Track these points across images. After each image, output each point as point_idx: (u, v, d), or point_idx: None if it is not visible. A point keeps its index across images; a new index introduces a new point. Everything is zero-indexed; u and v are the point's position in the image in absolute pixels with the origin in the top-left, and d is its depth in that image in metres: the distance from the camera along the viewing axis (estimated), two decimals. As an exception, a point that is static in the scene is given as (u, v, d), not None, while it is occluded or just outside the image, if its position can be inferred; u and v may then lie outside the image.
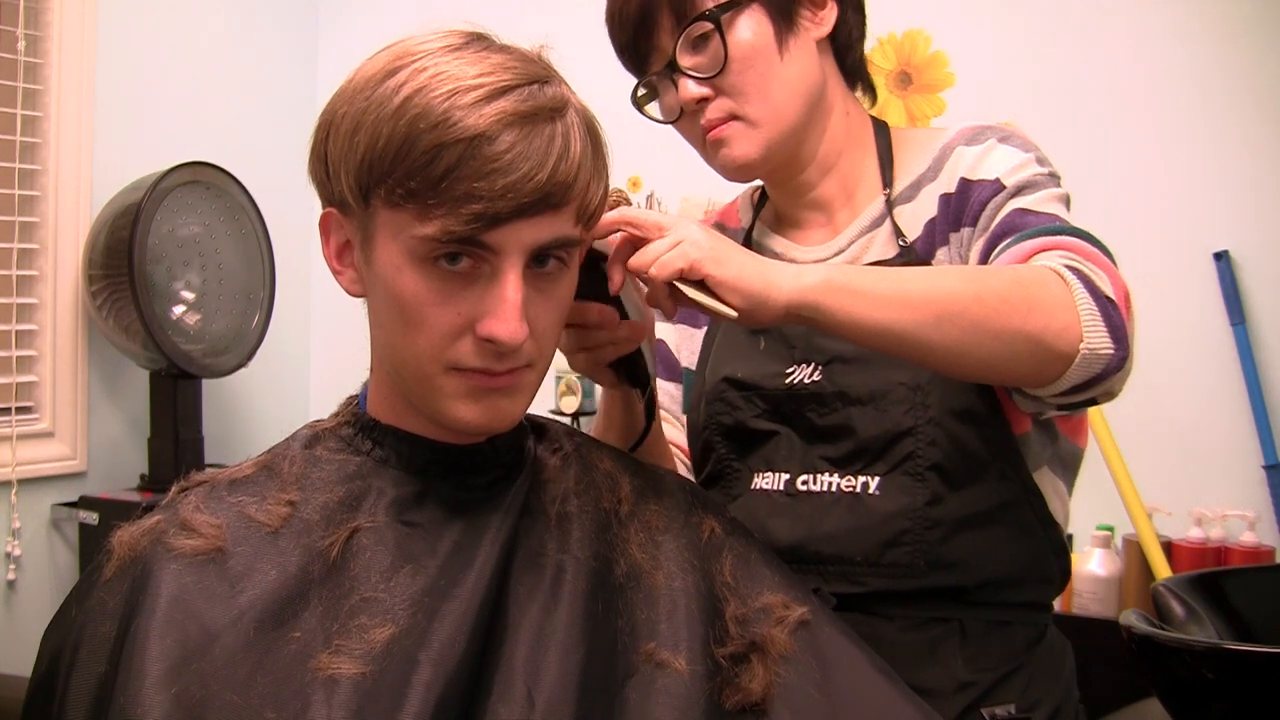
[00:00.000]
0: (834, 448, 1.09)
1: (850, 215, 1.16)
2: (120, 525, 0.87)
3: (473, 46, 0.85)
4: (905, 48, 2.37)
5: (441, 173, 0.79)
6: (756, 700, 0.88)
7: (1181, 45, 2.16)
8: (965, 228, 1.09)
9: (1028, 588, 1.10)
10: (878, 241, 1.13)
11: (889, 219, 1.12)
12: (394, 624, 0.82)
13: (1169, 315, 2.15)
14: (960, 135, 1.13)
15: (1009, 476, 1.07)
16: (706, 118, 1.09)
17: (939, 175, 1.12)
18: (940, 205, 1.11)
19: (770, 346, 1.13)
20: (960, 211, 1.09)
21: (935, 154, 1.13)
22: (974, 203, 1.08)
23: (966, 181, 1.09)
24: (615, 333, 0.98)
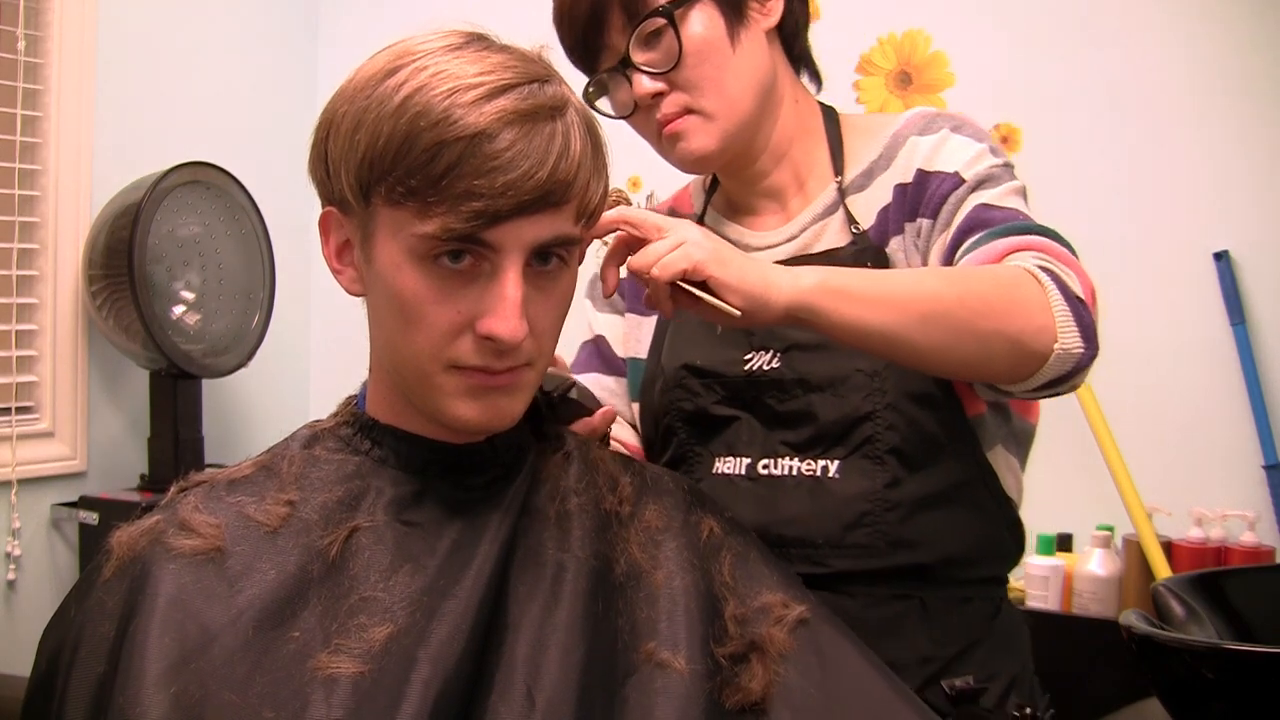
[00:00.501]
0: (794, 433, 1.11)
1: (803, 202, 1.18)
2: (119, 525, 0.87)
3: (473, 46, 0.85)
4: (905, 48, 2.37)
5: (442, 170, 0.79)
6: (756, 700, 0.88)
7: (1181, 45, 2.16)
8: (923, 219, 1.11)
9: (985, 564, 1.14)
10: (830, 229, 1.15)
11: (842, 207, 1.15)
12: (393, 623, 0.82)
13: (1169, 315, 2.16)
14: (911, 124, 1.15)
15: (964, 457, 1.11)
16: (662, 112, 1.11)
17: (892, 164, 1.14)
18: (895, 195, 1.13)
19: (727, 333, 1.14)
20: (917, 202, 1.11)
21: (886, 141, 1.15)
22: (932, 195, 1.10)
23: (924, 173, 1.11)
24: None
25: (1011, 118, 2.28)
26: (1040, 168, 2.25)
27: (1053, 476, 2.22)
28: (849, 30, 2.41)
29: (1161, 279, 2.16)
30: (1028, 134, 2.27)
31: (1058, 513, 2.14)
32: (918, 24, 2.36)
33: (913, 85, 2.36)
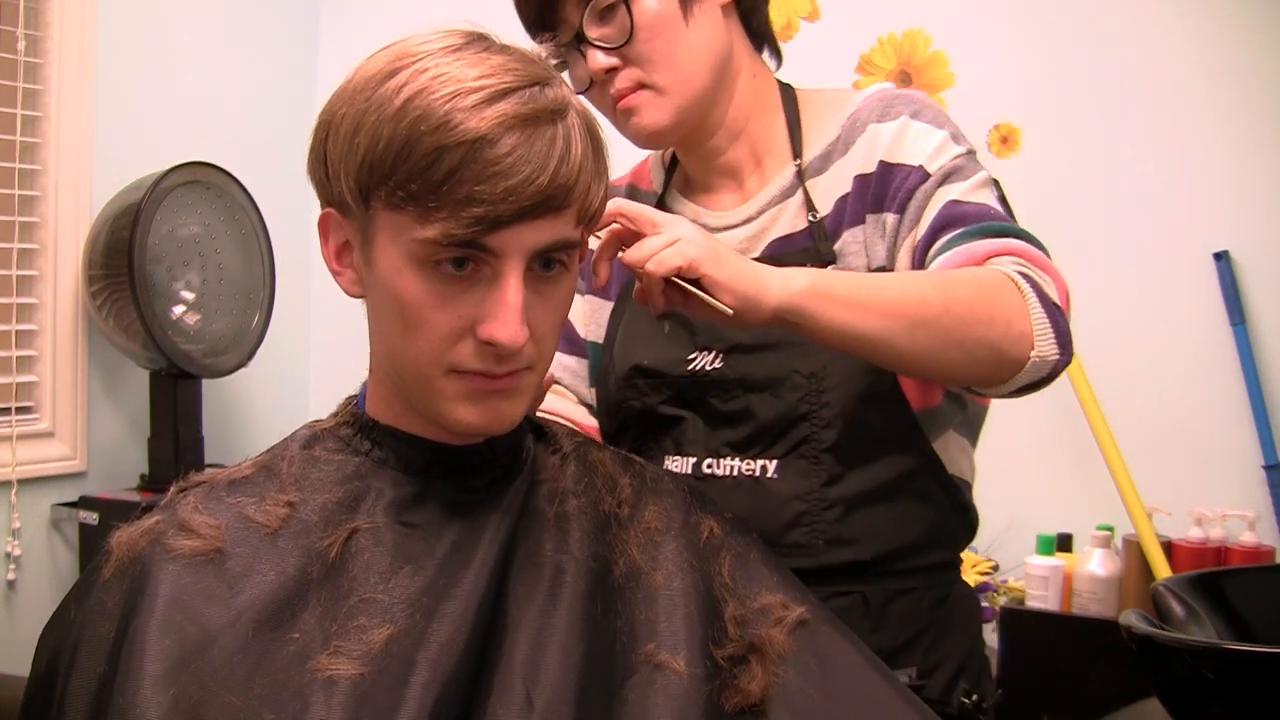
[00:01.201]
0: (735, 432, 1.12)
1: (760, 182, 1.18)
2: (119, 525, 0.87)
3: (473, 47, 0.84)
4: (905, 48, 2.37)
5: (443, 175, 0.79)
6: (755, 701, 0.88)
7: (1182, 45, 2.16)
8: (888, 213, 1.11)
9: (932, 552, 1.15)
10: (788, 212, 1.15)
11: (800, 190, 1.15)
12: (392, 625, 0.82)
13: (1169, 315, 2.16)
14: (869, 107, 1.15)
15: (909, 449, 1.12)
16: (616, 87, 1.11)
17: (850, 149, 1.14)
18: (856, 185, 1.13)
19: (674, 332, 1.16)
20: (881, 195, 1.11)
21: (844, 123, 1.15)
22: (898, 190, 1.10)
23: (887, 165, 1.11)
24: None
25: (1011, 118, 2.28)
26: (1040, 168, 2.25)
27: (1053, 476, 2.23)
28: (849, 30, 2.41)
29: (1161, 279, 2.16)
30: (1028, 134, 2.27)
31: (1058, 513, 2.14)
32: (918, 24, 2.36)
33: (913, 85, 2.36)
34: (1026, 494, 2.23)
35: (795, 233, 1.14)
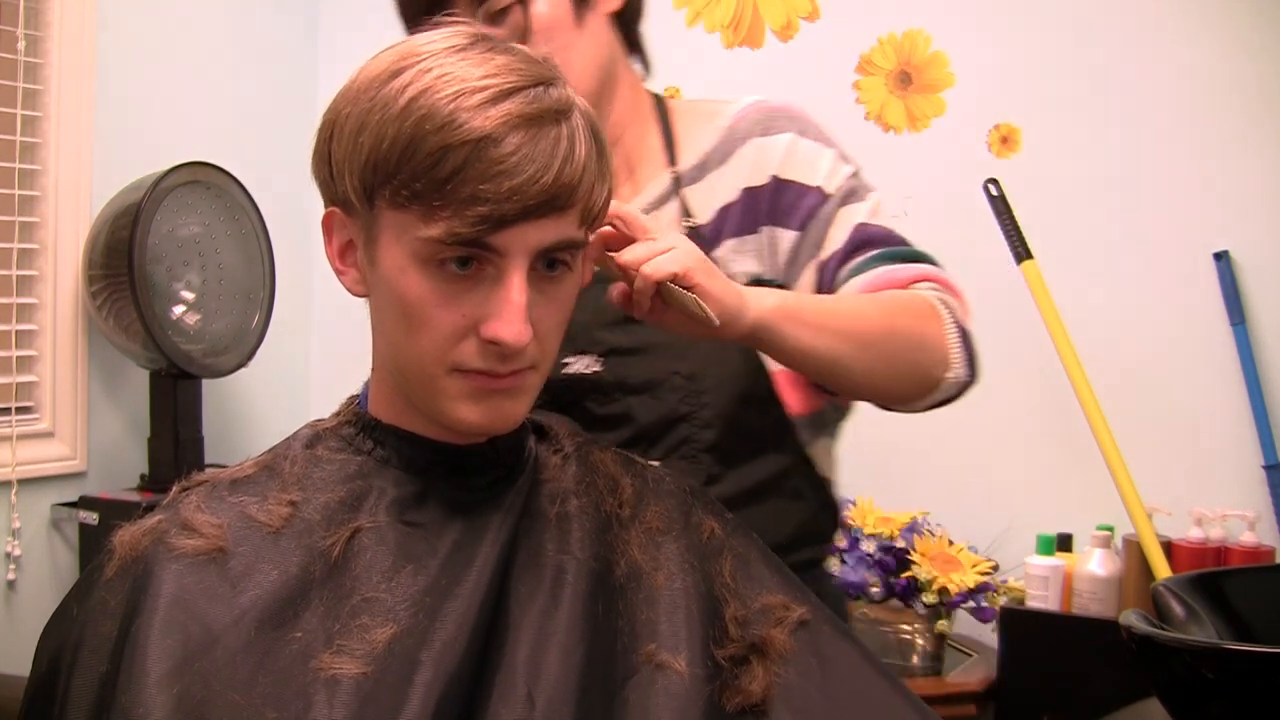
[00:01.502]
0: (614, 435, 1.13)
1: (633, 190, 1.19)
2: (121, 525, 0.87)
3: (478, 47, 0.84)
4: (905, 48, 2.37)
5: (447, 174, 0.79)
6: (756, 701, 0.88)
7: (1182, 45, 2.16)
8: (782, 229, 1.14)
9: (803, 549, 1.17)
10: (663, 219, 1.16)
11: (677, 198, 1.16)
12: (395, 624, 0.82)
13: (1169, 315, 2.16)
14: (747, 119, 1.17)
15: (785, 449, 1.16)
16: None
17: (730, 160, 1.16)
18: (744, 197, 1.15)
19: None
20: (775, 210, 1.15)
21: (720, 133, 1.17)
22: (792, 207, 1.14)
23: (781, 180, 1.14)
24: None
25: (1011, 118, 2.28)
26: (1040, 168, 2.25)
27: (1053, 476, 2.23)
28: (849, 30, 2.41)
29: (1161, 279, 2.16)
30: (1028, 134, 2.27)
31: (1058, 513, 2.14)
32: (918, 24, 2.36)
33: (913, 85, 2.37)
34: (1026, 494, 2.23)
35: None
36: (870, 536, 1.97)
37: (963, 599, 1.91)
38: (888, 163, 2.37)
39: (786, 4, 2.46)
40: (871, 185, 1.18)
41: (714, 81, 2.51)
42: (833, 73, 2.42)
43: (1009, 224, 2.12)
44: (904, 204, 2.29)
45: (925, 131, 2.36)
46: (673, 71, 2.53)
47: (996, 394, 2.27)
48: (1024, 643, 1.89)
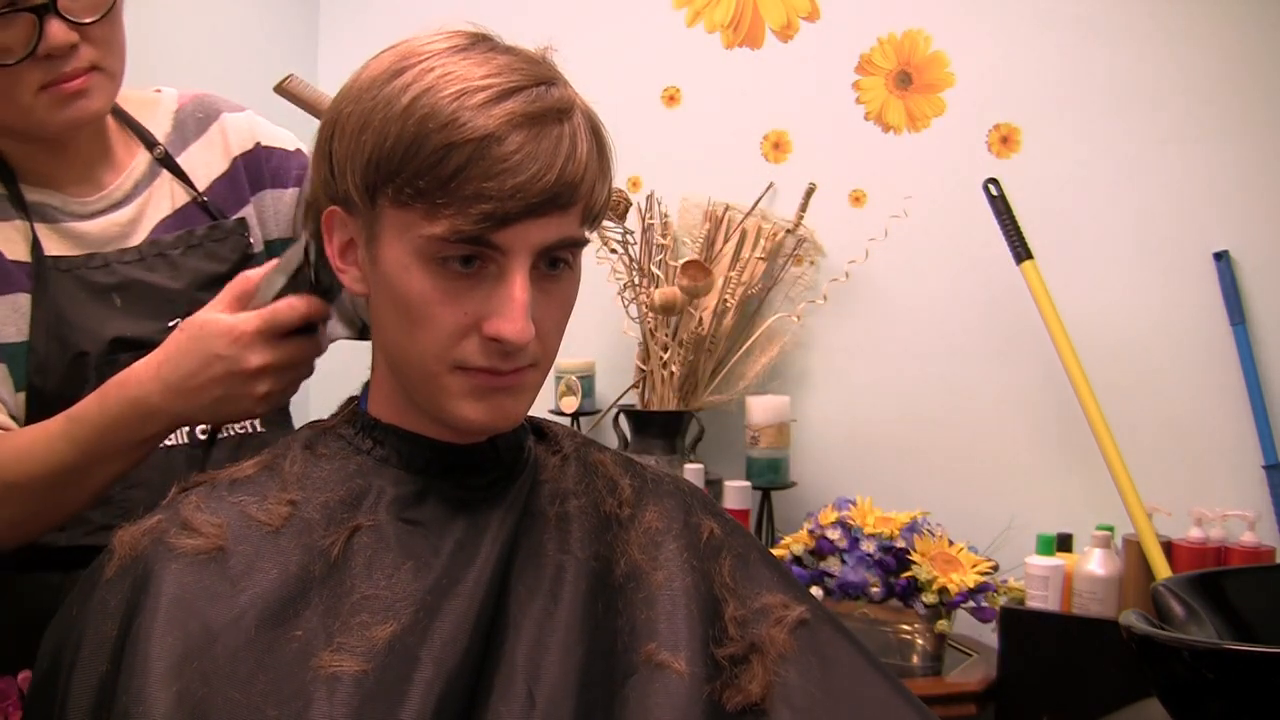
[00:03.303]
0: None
1: (111, 170, 1.21)
2: (121, 525, 0.87)
3: (479, 47, 0.85)
4: (905, 48, 2.37)
5: (450, 172, 0.79)
6: (756, 701, 0.88)
7: (1182, 45, 2.16)
8: (278, 189, 1.27)
9: None
10: (160, 195, 1.22)
11: (165, 172, 1.22)
12: (396, 622, 0.82)
13: (1169, 315, 2.15)
14: (201, 103, 1.30)
15: None
16: (72, 66, 1.07)
17: (206, 134, 1.26)
18: (236, 166, 1.26)
19: (133, 303, 1.18)
20: (267, 174, 1.27)
21: (172, 116, 1.27)
22: (281, 167, 1.28)
23: (266, 147, 1.29)
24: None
25: (1011, 118, 2.28)
26: (1040, 168, 2.25)
27: (1053, 476, 2.23)
28: (849, 30, 2.41)
29: (1161, 279, 2.16)
30: (1028, 134, 2.27)
31: (1058, 513, 2.14)
32: (918, 24, 2.36)
33: (913, 85, 2.37)
34: (1026, 494, 2.23)
35: (182, 209, 1.22)
36: (870, 536, 1.97)
37: (963, 599, 1.91)
38: (888, 163, 2.37)
39: (786, 4, 2.46)
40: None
41: (714, 81, 2.51)
42: (833, 73, 2.42)
43: (1009, 224, 2.12)
44: (904, 204, 2.30)
45: (925, 131, 2.36)
46: (673, 71, 2.55)
47: (997, 394, 2.28)
48: (1024, 643, 1.89)
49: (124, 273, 1.18)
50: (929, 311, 2.33)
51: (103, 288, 1.17)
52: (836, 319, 2.40)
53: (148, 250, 1.20)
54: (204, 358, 0.97)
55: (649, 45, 2.56)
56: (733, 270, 2.36)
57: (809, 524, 2.05)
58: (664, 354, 2.35)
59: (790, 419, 2.32)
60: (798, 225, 2.38)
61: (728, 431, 2.42)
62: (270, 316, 0.98)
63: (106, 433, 1.00)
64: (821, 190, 2.38)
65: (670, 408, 2.34)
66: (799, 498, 2.38)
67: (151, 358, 1.00)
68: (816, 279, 2.41)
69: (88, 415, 1.01)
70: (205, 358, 0.97)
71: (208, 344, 0.97)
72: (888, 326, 2.37)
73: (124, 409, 0.99)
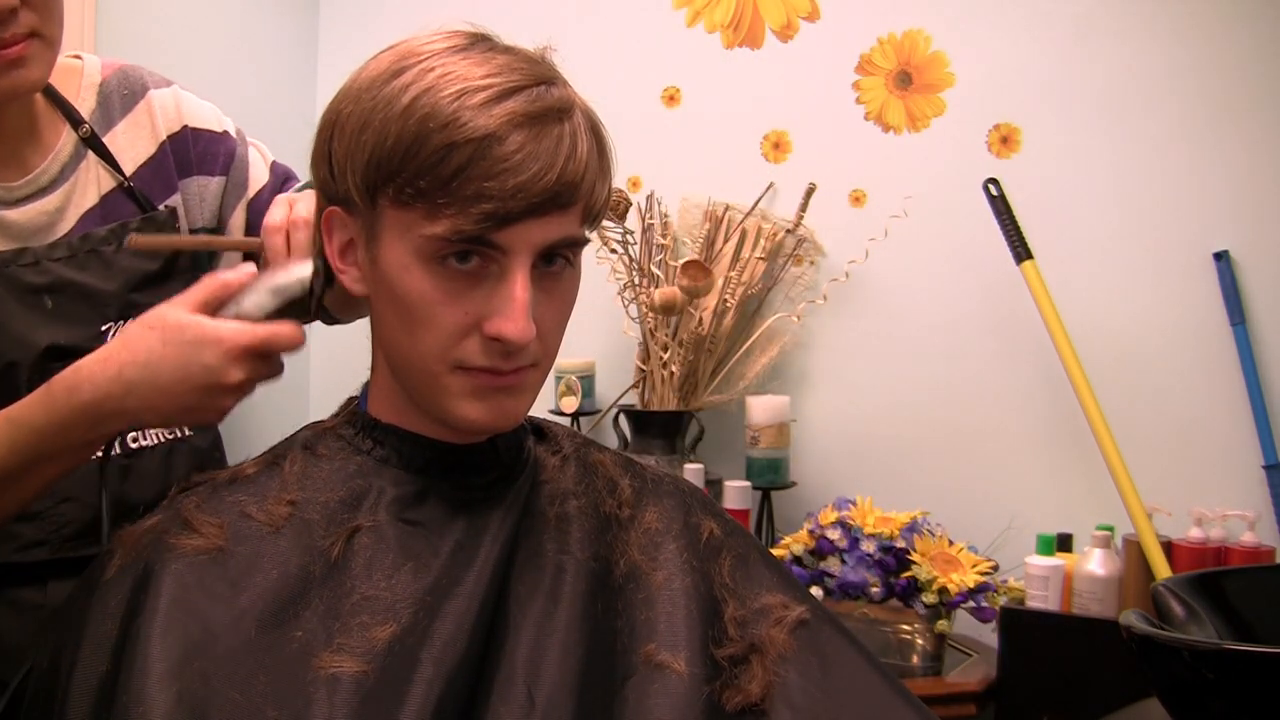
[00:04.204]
0: None
1: (37, 151, 1.15)
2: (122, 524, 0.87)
3: (478, 47, 0.85)
4: (905, 48, 2.37)
5: (451, 172, 0.79)
6: (756, 701, 0.88)
7: (1181, 45, 2.16)
8: (205, 176, 1.22)
9: None
10: (85, 180, 1.16)
11: (90, 155, 1.16)
12: (396, 622, 0.82)
13: (1169, 315, 2.15)
14: (126, 77, 1.20)
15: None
16: (11, 32, 1.01)
17: (132, 113, 1.19)
18: (164, 149, 1.19)
19: (64, 308, 1.13)
20: (191, 159, 1.22)
21: (96, 90, 1.19)
22: (213, 154, 1.22)
23: (193, 129, 1.22)
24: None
25: (1011, 118, 2.28)
26: (1040, 167, 2.25)
27: (1053, 476, 2.23)
28: (849, 30, 2.41)
29: (1161, 279, 2.16)
30: (1028, 134, 2.27)
31: (1058, 513, 2.14)
32: (918, 24, 2.36)
33: (913, 85, 2.36)
34: (1026, 494, 2.23)
35: (109, 196, 1.16)
36: (870, 536, 1.97)
37: (963, 599, 1.91)
38: (888, 163, 2.37)
39: (786, 4, 2.46)
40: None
41: (714, 81, 2.51)
42: (833, 73, 2.42)
43: (1009, 224, 2.12)
44: (904, 204, 2.30)
45: (925, 131, 2.36)
46: (673, 71, 2.55)
47: (997, 394, 2.28)
48: (1024, 643, 1.89)
49: (56, 272, 1.12)
50: (929, 311, 2.33)
51: (33, 288, 1.11)
52: (836, 319, 2.39)
53: (79, 246, 1.14)
54: (185, 366, 0.91)
55: (649, 45, 2.56)
56: (733, 270, 2.36)
57: (809, 524, 2.05)
58: (664, 354, 2.35)
59: (790, 419, 2.32)
60: (798, 225, 2.38)
61: (728, 431, 2.42)
62: (269, 339, 0.94)
63: (52, 437, 0.94)
64: (821, 190, 2.38)
65: (670, 408, 2.34)
66: (799, 498, 2.37)
67: (107, 359, 0.93)
68: (816, 279, 2.41)
69: (30, 419, 0.94)
70: (187, 366, 0.91)
71: (193, 352, 0.91)
72: (888, 326, 2.37)
73: (75, 414, 0.93)
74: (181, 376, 0.91)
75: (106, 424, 0.95)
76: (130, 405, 0.92)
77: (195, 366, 0.91)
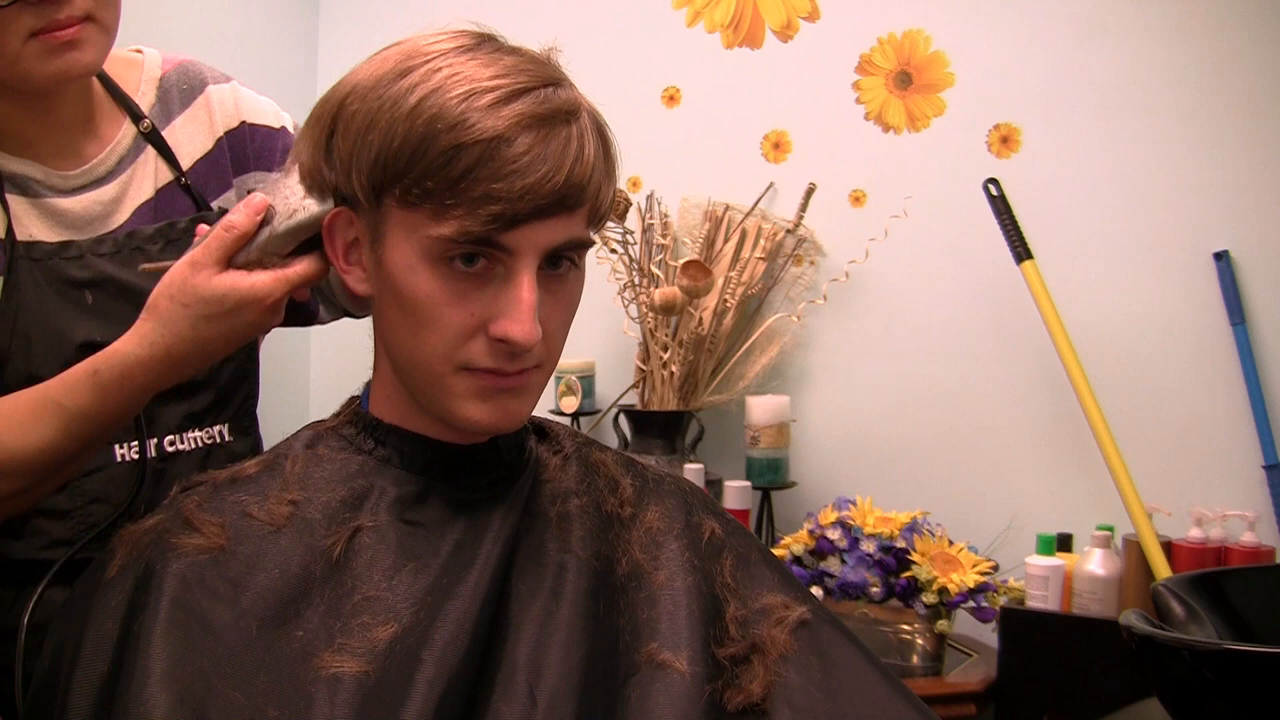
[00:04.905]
0: (192, 403, 1.14)
1: (94, 142, 1.14)
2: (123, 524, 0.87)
3: (485, 48, 0.85)
4: (905, 48, 2.37)
5: (459, 174, 0.79)
6: (757, 700, 0.88)
7: (1181, 45, 2.16)
8: (261, 171, 1.21)
9: None
10: (142, 174, 1.16)
11: (150, 148, 1.16)
12: (397, 622, 0.82)
13: (1169, 315, 2.16)
14: (186, 72, 1.20)
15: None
16: (66, 13, 1.00)
17: (191, 108, 1.18)
18: (221, 144, 1.19)
19: (104, 302, 1.12)
20: (249, 155, 1.21)
21: (156, 84, 1.18)
22: (270, 150, 1.22)
23: (250, 125, 1.22)
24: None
25: (1011, 118, 2.28)
26: (1040, 167, 2.25)
27: (1053, 476, 2.23)
28: (849, 30, 2.41)
29: (1161, 279, 2.16)
30: (1028, 134, 2.27)
31: (1058, 513, 2.14)
32: (918, 24, 2.36)
33: (913, 85, 2.37)
34: (1026, 494, 2.23)
35: (165, 190, 1.16)
36: (870, 536, 1.97)
37: (963, 599, 1.91)
38: (888, 163, 2.37)
39: (786, 4, 2.46)
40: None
41: (714, 81, 2.51)
42: (833, 73, 2.42)
43: (1009, 224, 2.12)
44: (904, 204, 2.30)
45: (925, 131, 2.36)
46: (673, 71, 2.55)
47: (997, 394, 2.28)
48: (1024, 643, 1.89)
49: (98, 267, 1.12)
50: (929, 311, 2.33)
51: (75, 283, 1.11)
52: (836, 319, 2.40)
53: (125, 243, 1.14)
54: (231, 330, 0.94)
55: (649, 45, 2.56)
56: (733, 270, 2.36)
57: (809, 524, 2.05)
58: (664, 354, 2.35)
59: (790, 419, 2.32)
60: (798, 225, 2.38)
61: (728, 431, 2.42)
62: (300, 281, 0.95)
63: (108, 422, 0.97)
64: (821, 190, 2.38)
65: (670, 408, 2.34)
66: (799, 498, 2.38)
67: (153, 342, 0.94)
68: (816, 279, 2.41)
69: (83, 407, 0.95)
70: (232, 330, 0.94)
71: (236, 317, 0.94)
72: (888, 326, 2.37)
73: (131, 397, 0.96)
74: (229, 341, 0.96)
75: (151, 398, 0.99)
76: (184, 373, 0.97)
77: (241, 328, 0.95)
